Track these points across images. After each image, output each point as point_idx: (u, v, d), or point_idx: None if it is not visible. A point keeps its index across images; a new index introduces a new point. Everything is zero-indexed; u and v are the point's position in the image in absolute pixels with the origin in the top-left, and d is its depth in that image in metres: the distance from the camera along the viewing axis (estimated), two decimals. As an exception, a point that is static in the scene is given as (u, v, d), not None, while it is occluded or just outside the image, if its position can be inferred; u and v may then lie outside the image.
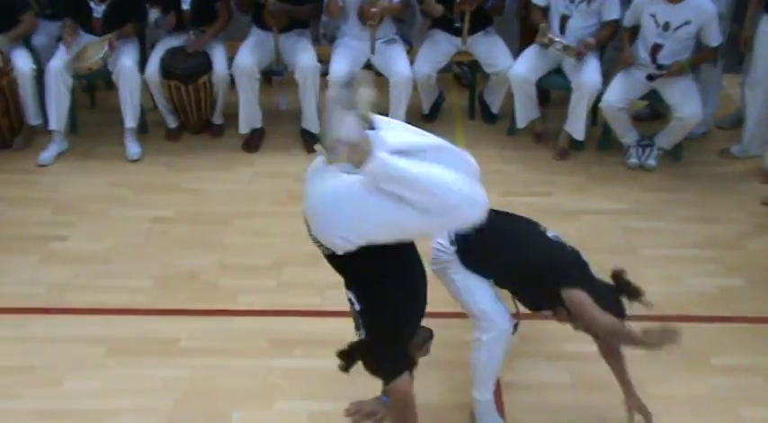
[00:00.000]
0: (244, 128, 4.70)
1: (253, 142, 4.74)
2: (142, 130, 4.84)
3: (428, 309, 3.43)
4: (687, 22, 4.09)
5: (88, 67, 4.41)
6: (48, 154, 4.60)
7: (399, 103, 4.66)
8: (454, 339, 3.29)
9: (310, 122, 4.69)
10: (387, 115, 4.72)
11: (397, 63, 4.59)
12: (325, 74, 4.66)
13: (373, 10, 4.40)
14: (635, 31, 4.32)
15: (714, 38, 4.16)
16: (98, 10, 4.50)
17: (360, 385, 3.05)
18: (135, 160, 4.62)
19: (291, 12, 4.50)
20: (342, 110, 2.02)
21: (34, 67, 4.55)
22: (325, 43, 5.16)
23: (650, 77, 4.25)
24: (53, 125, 4.57)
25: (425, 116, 5.04)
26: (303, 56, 4.55)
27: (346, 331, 3.32)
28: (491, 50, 4.69)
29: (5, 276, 3.66)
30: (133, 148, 4.64)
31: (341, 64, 4.55)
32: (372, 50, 4.57)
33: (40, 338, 3.30)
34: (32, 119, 4.69)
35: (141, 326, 3.36)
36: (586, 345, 3.24)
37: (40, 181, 4.43)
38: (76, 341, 3.28)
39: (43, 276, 3.66)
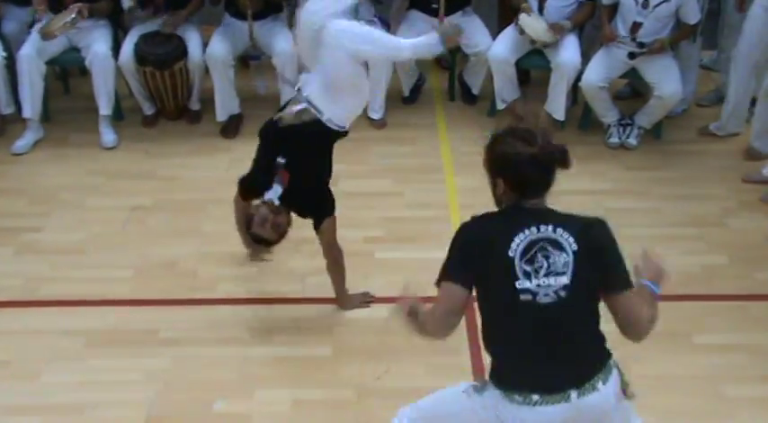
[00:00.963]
0: (221, 115, 4.63)
1: (231, 128, 4.67)
2: (118, 117, 4.75)
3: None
4: (666, 0, 4.05)
5: (52, 32, 4.23)
6: (23, 142, 4.52)
7: (379, 85, 4.61)
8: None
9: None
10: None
11: None
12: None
13: None
14: (613, 9, 4.28)
15: (693, 15, 4.14)
16: None
17: (344, 372, 3.05)
18: (110, 148, 4.54)
19: None
20: None
21: (4, 54, 4.45)
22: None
23: (631, 55, 4.22)
24: (27, 113, 4.48)
25: (405, 98, 4.99)
26: (280, 41, 4.48)
27: (328, 317, 3.32)
28: (469, 31, 4.61)
29: (-21, 268, 3.60)
30: (108, 135, 4.56)
31: None
32: None
33: (15, 331, 3.25)
34: (4, 108, 4.59)
35: (120, 317, 3.31)
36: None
37: (13, 171, 4.34)
38: (54, 334, 3.24)
39: (18, 268, 3.59)
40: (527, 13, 4.30)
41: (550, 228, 1.99)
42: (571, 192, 4.06)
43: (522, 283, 1.93)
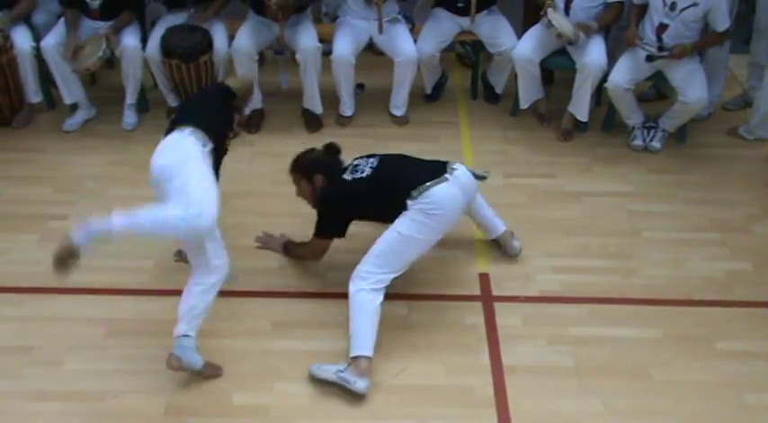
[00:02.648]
0: (245, 111, 4.65)
1: (253, 122, 4.69)
2: (143, 108, 4.80)
3: (429, 291, 3.44)
4: (694, 4, 4.00)
5: (86, 68, 4.37)
6: (73, 120, 4.66)
7: (403, 83, 4.62)
8: (454, 321, 3.28)
9: (311, 102, 4.66)
10: (390, 95, 4.72)
11: (401, 43, 4.54)
12: (327, 53, 4.60)
13: None
14: (643, 9, 4.24)
15: (721, 22, 4.06)
16: (94, 4, 4.46)
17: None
18: (130, 130, 4.65)
19: (298, 1, 4.42)
20: None
21: (34, 44, 4.50)
22: (326, 22, 5.10)
23: (649, 58, 4.16)
24: (67, 100, 4.62)
25: (428, 96, 4.99)
26: (304, 37, 4.49)
27: (347, 313, 3.32)
28: (495, 30, 4.62)
29: (5, 255, 3.64)
30: (130, 117, 4.68)
31: (344, 43, 4.50)
32: (380, 30, 4.50)
33: (39, 318, 3.29)
34: (32, 97, 4.66)
35: (142, 306, 3.34)
36: (590, 329, 3.25)
37: (40, 159, 4.39)
38: (76, 321, 3.27)
39: (43, 256, 3.59)
40: (553, 9, 4.27)
41: None
42: (593, 193, 4.11)
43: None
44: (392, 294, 3.39)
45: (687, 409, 2.89)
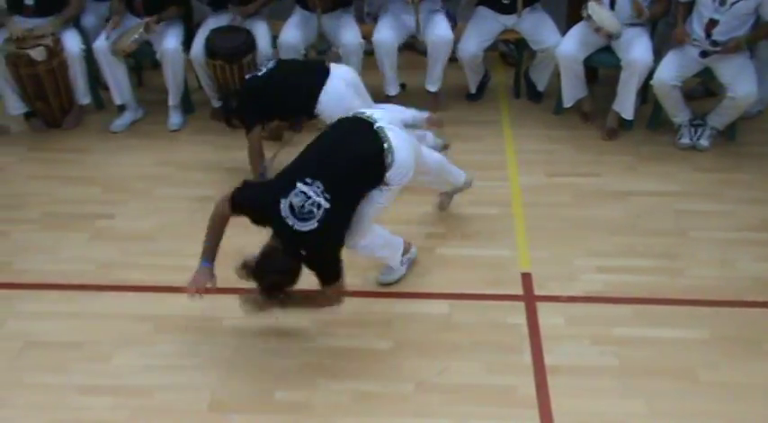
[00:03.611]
0: None
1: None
2: (188, 109, 4.89)
3: (471, 290, 3.43)
4: (745, -3, 3.92)
5: (122, 50, 4.47)
6: (121, 121, 4.78)
7: (437, 61, 4.62)
8: (496, 321, 3.27)
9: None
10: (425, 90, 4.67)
11: (437, 26, 4.54)
12: (370, 53, 4.62)
13: None
14: (690, 6, 4.16)
15: (773, 13, 3.98)
16: None
17: (404, 366, 3.06)
18: (175, 130, 4.74)
19: None
20: None
21: (83, 47, 4.62)
22: (369, 21, 5.12)
23: (704, 54, 4.09)
24: (117, 100, 4.75)
25: (471, 95, 4.97)
26: (347, 33, 4.54)
27: (388, 311, 3.34)
28: (538, 27, 4.58)
29: (58, 253, 3.74)
30: (175, 117, 4.78)
31: (386, 29, 4.56)
32: (418, 29, 4.51)
33: (89, 314, 3.37)
34: (82, 98, 4.78)
35: (187, 304, 3.37)
36: (635, 329, 3.20)
37: (88, 160, 4.50)
38: (125, 318, 3.34)
39: (92, 254, 3.72)
40: (597, 2, 4.22)
41: None
42: (639, 193, 4.05)
43: None
44: (434, 293, 3.42)
45: (734, 410, 2.83)
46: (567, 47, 4.40)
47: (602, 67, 4.84)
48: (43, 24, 4.49)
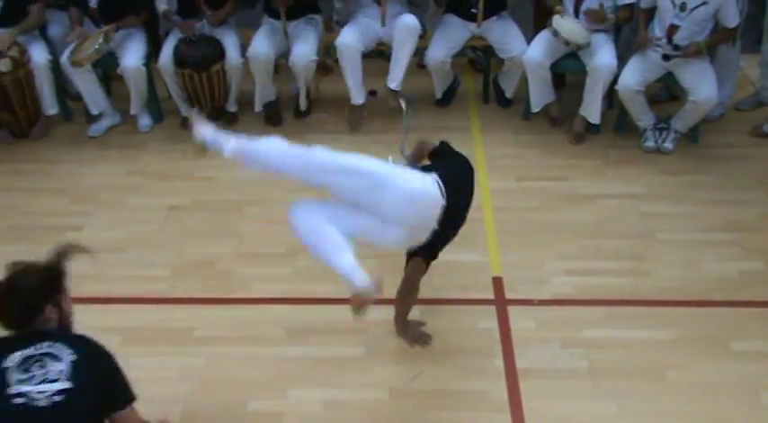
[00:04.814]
0: (258, 106, 4.78)
1: (274, 115, 4.79)
2: (157, 118, 4.86)
3: (442, 296, 3.44)
4: (704, 3, 4.01)
5: (81, 61, 4.43)
6: (98, 126, 4.78)
7: (400, 52, 4.57)
8: (468, 326, 3.29)
9: (301, 96, 4.78)
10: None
11: (402, 18, 4.51)
12: (337, 60, 4.64)
13: None
14: (651, 12, 4.24)
15: (731, 19, 4.08)
16: (92, 0, 4.52)
17: (375, 373, 3.07)
18: (146, 132, 4.77)
19: None
20: None
21: (50, 57, 4.58)
22: (338, 30, 5.13)
23: (666, 57, 4.17)
24: (94, 111, 4.75)
25: (439, 101, 5.00)
26: (302, 45, 4.54)
27: (361, 318, 3.33)
28: (505, 35, 4.63)
29: (23, 266, 3.68)
30: (143, 120, 4.81)
31: (350, 33, 4.56)
32: (383, 22, 4.53)
33: (57, 328, 3.32)
34: (49, 108, 4.73)
35: (157, 315, 3.37)
36: (604, 331, 3.24)
37: (57, 170, 4.45)
38: (92, 330, 3.21)
39: (60, 266, 3.67)
40: (561, 15, 4.29)
41: (46, 344, 2.12)
42: (606, 196, 4.11)
43: (16, 389, 2.02)
44: (405, 299, 3.42)
45: (703, 410, 2.88)
46: (534, 54, 4.45)
47: (568, 73, 4.90)
48: (2, 34, 4.43)
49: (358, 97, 4.73)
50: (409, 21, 4.51)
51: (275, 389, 2.99)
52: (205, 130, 2.89)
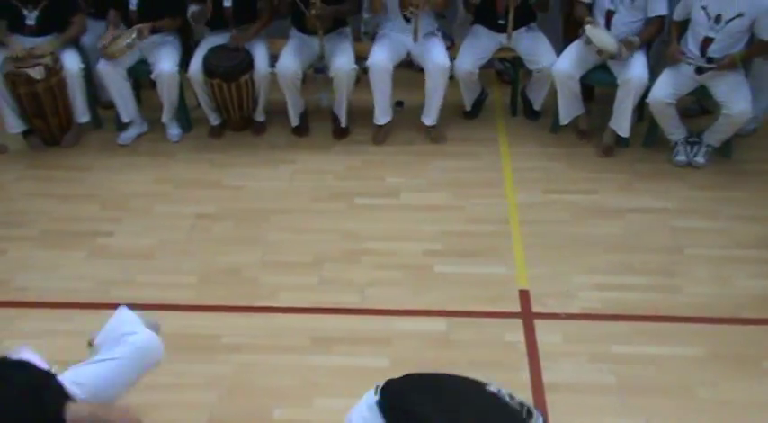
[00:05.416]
0: (294, 120, 4.79)
1: (302, 126, 4.82)
2: (186, 127, 4.91)
3: (468, 308, 3.43)
4: (740, 15, 3.95)
5: (113, 53, 4.47)
6: (127, 134, 4.83)
7: (435, 92, 4.60)
8: (494, 339, 3.26)
9: (338, 111, 4.74)
10: (423, 106, 4.64)
11: (434, 53, 4.55)
12: (366, 70, 4.65)
13: (414, 9, 4.37)
14: (684, 24, 4.20)
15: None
16: (133, 2, 4.56)
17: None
18: (176, 141, 4.81)
19: (336, 13, 4.50)
20: None
21: (82, 66, 4.64)
22: (366, 40, 5.16)
23: (699, 71, 4.12)
24: (125, 118, 4.79)
25: (467, 112, 4.99)
26: (340, 57, 4.55)
27: (386, 329, 3.34)
28: (534, 46, 4.62)
29: (55, 271, 3.74)
30: (173, 130, 4.85)
31: (381, 52, 4.55)
32: (415, 38, 4.53)
33: (85, 332, 3.35)
34: (81, 117, 4.79)
35: (184, 322, 3.39)
36: (632, 346, 3.20)
37: (88, 178, 4.50)
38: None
39: (90, 271, 3.72)
40: (592, 25, 4.27)
41: None
42: (635, 210, 4.07)
43: None
44: (431, 311, 3.42)
45: (733, 429, 2.83)
46: (563, 66, 4.43)
47: (598, 86, 4.87)
48: (43, 44, 4.51)
49: (383, 117, 4.74)
50: (441, 61, 4.52)
51: (301, 397, 2.99)
52: None
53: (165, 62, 4.58)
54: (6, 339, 3.31)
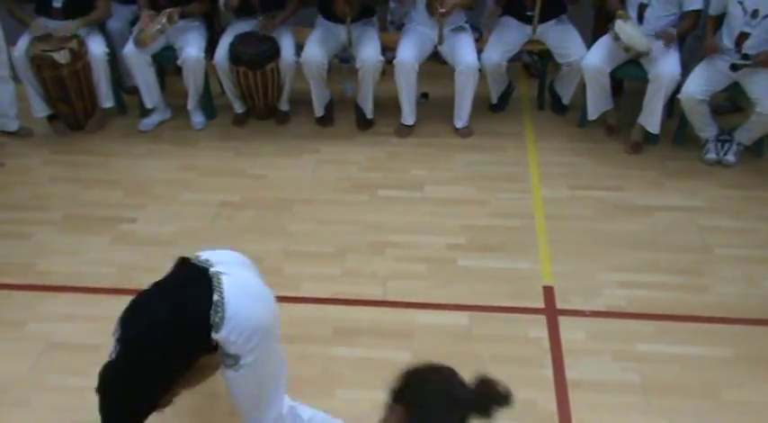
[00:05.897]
0: (319, 111, 4.77)
1: (326, 116, 4.80)
2: (210, 115, 4.91)
3: (492, 303, 3.39)
4: (778, 9, 3.88)
5: (145, 40, 4.47)
6: (149, 121, 4.84)
7: (464, 93, 4.59)
8: (517, 334, 3.23)
9: (363, 102, 4.72)
10: (453, 104, 4.66)
11: (463, 52, 4.51)
12: (392, 61, 4.62)
13: (441, 10, 4.32)
14: (720, 19, 4.12)
15: (807, 27, 3.93)
16: None
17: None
18: (200, 129, 4.81)
19: None
20: None
21: (107, 50, 4.65)
22: (392, 30, 5.12)
23: (734, 67, 4.04)
24: (148, 104, 4.80)
25: (493, 106, 4.95)
26: (367, 48, 4.52)
27: (408, 322, 3.32)
28: (564, 39, 4.56)
29: (80, 255, 3.75)
30: (197, 117, 4.84)
31: (408, 50, 4.51)
32: (440, 41, 4.50)
33: (110, 318, 3.32)
34: (105, 101, 4.81)
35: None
36: (657, 346, 3.15)
37: (111, 163, 4.52)
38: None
39: (115, 257, 3.73)
40: (624, 19, 4.20)
41: None
42: (663, 208, 4.01)
43: None
44: (454, 305, 3.39)
45: (759, 432, 2.79)
46: (593, 59, 4.37)
47: (628, 81, 4.80)
48: (65, 25, 4.51)
49: (409, 118, 4.71)
50: (470, 61, 4.48)
51: (322, 388, 2.98)
52: None
53: (192, 47, 4.57)
54: (31, 322, 3.34)
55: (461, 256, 3.68)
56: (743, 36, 3.99)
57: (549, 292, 3.45)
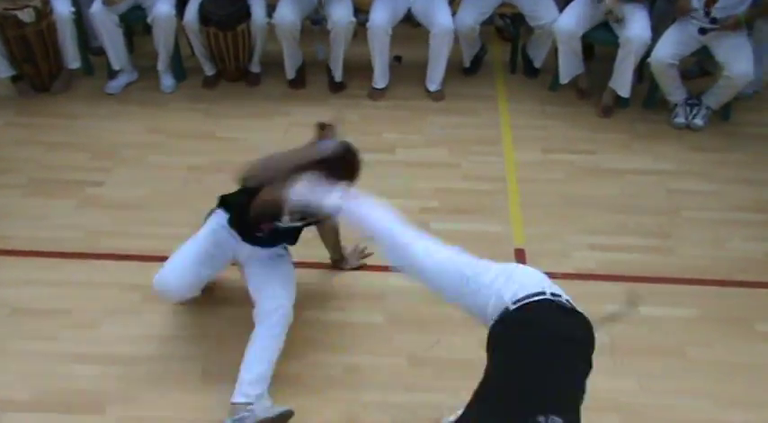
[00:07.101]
0: (291, 73, 4.72)
1: (298, 79, 4.74)
2: (180, 76, 4.81)
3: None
4: (746, -26, 3.89)
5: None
6: (116, 83, 4.73)
7: (439, 56, 4.55)
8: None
9: (334, 65, 4.67)
10: (426, 67, 4.62)
11: (438, 14, 4.46)
12: (364, 23, 4.55)
13: None
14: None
15: (774, -10, 3.95)
16: None
17: (396, 339, 3.05)
18: (169, 93, 4.72)
19: None
20: None
21: (73, 9, 4.52)
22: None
23: (702, 31, 4.06)
24: (115, 66, 4.69)
25: (466, 69, 4.92)
26: (339, 9, 4.44)
27: (380, 286, 3.32)
28: (536, 3, 4.52)
29: (44, 220, 3.68)
30: (167, 80, 4.74)
31: (381, 12, 4.45)
32: None
33: (76, 283, 3.33)
34: (71, 62, 4.68)
35: (177, 273, 3.35)
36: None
37: (77, 125, 4.41)
38: (113, 287, 3.30)
39: (80, 221, 3.67)
40: None
41: None
42: (633, 171, 4.04)
43: None
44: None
45: (724, 389, 2.85)
46: (566, 22, 4.35)
47: (599, 44, 4.79)
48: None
49: (381, 81, 4.67)
50: (446, 23, 4.43)
51: (295, 352, 2.97)
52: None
53: (163, 4, 4.45)
54: (-7, 287, 3.28)
55: (434, 219, 3.67)
56: (711, 0, 3.99)
57: (520, 254, 3.48)
